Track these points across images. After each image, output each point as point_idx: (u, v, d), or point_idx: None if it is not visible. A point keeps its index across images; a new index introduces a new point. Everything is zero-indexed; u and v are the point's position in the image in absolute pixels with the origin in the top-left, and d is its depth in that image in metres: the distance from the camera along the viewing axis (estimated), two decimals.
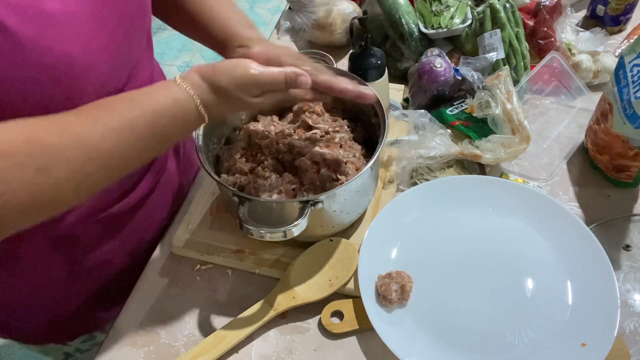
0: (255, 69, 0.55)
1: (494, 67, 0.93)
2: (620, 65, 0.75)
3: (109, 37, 0.55)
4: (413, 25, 0.97)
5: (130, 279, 0.75)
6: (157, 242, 0.79)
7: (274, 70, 0.56)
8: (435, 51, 0.93)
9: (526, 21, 1.00)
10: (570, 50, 0.96)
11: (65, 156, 0.45)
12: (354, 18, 1.02)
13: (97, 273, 0.75)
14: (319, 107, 0.77)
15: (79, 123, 0.47)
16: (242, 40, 0.65)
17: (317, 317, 0.69)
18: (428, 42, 0.99)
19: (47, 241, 0.65)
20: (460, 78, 0.90)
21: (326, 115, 0.78)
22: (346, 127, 0.76)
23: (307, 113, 0.76)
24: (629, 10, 1.04)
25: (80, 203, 0.51)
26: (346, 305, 0.69)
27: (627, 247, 0.73)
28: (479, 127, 0.86)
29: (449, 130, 0.84)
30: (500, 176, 0.83)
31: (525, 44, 0.96)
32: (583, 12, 1.11)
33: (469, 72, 0.90)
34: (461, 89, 0.91)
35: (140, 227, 0.76)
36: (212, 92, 0.54)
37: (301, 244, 0.73)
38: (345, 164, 0.70)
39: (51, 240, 0.65)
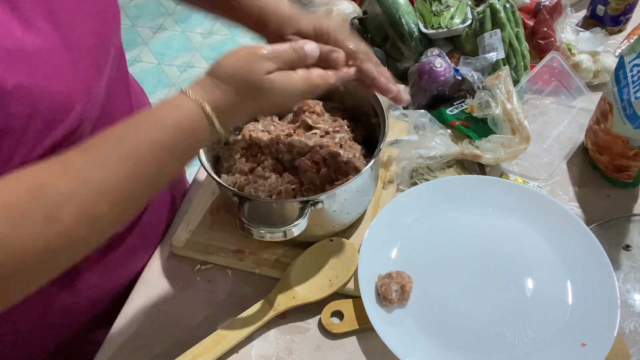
0: (260, 46, 0.50)
1: (494, 67, 0.93)
2: (620, 65, 0.75)
3: (94, 61, 0.53)
4: (413, 25, 0.97)
5: (123, 304, 0.73)
6: (150, 258, 0.78)
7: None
8: (435, 51, 0.93)
9: (526, 21, 1.00)
10: (570, 50, 0.96)
11: (73, 199, 0.41)
12: (354, 18, 1.02)
13: (93, 299, 0.72)
14: (319, 107, 0.77)
15: (82, 160, 0.43)
16: (281, 17, 0.58)
17: (317, 317, 0.69)
18: (428, 42, 0.99)
19: None
20: (460, 78, 0.90)
21: (326, 115, 0.78)
22: (346, 127, 0.76)
23: (307, 113, 0.76)
24: (629, 10, 1.04)
25: (97, 246, 0.47)
26: (346, 305, 0.69)
27: (627, 247, 0.73)
28: (479, 127, 0.86)
29: (449, 130, 0.84)
30: (500, 176, 0.83)
31: (525, 44, 0.96)
32: (583, 12, 1.11)
33: (469, 72, 0.90)
34: (461, 89, 0.91)
35: (135, 246, 0.74)
36: (219, 85, 0.48)
37: (301, 244, 0.73)
38: (345, 164, 0.70)
39: None
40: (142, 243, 0.76)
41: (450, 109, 0.89)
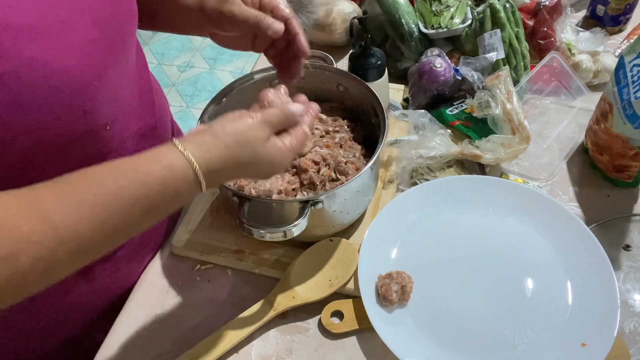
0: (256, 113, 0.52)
1: (494, 67, 0.93)
2: (620, 65, 0.75)
3: (109, 43, 0.54)
4: (413, 25, 0.97)
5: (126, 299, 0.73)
6: (156, 253, 0.79)
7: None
8: (435, 51, 0.93)
9: (526, 21, 1.00)
10: (570, 50, 0.96)
11: (32, 241, 0.39)
12: (354, 18, 1.01)
13: (105, 288, 0.72)
14: (322, 115, 0.77)
15: (54, 201, 0.41)
16: None
17: (317, 317, 0.69)
18: (428, 42, 0.99)
19: None
20: (460, 78, 0.90)
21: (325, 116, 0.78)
22: (346, 127, 0.76)
23: None
24: (629, 10, 1.04)
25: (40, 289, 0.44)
26: (346, 305, 0.69)
27: (627, 247, 0.73)
28: (479, 127, 0.86)
29: (449, 130, 0.84)
30: (500, 176, 0.83)
31: (525, 44, 0.96)
32: (583, 12, 1.11)
33: (469, 72, 0.90)
34: (461, 89, 0.90)
35: (136, 244, 0.74)
36: (218, 146, 0.48)
37: (301, 244, 0.73)
38: (345, 163, 0.70)
39: None
40: (141, 245, 0.76)
41: (450, 109, 0.89)
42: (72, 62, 0.48)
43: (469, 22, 0.96)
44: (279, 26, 0.60)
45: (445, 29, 0.96)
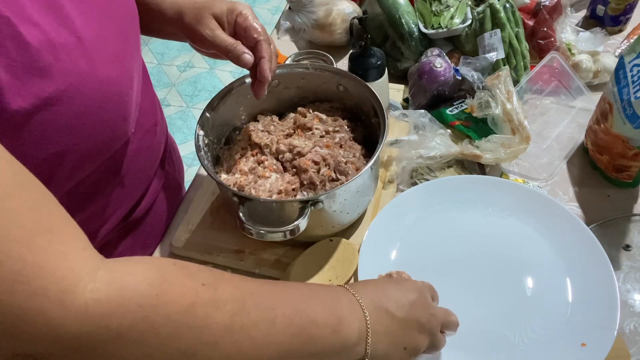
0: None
1: (494, 67, 0.93)
2: (620, 65, 0.75)
3: (130, 51, 0.58)
4: (413, 25, 0.97)
5: None
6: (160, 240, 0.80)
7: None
8: (435, 51, 0.93)
9: (526, 21, 1.00)
10: (570, 50, 0.96)
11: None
12: (354, 18, 1.01)
13: None
14: (322, 115, 0.77)
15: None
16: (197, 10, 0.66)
17: None
18: (428, 42, 0.99)
19: None
20: (460, 78, 0.90)
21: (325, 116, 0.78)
22: (346, 127, 0.76)
23: (307, 117, 0.77)
24: (629, 10, 1.04)
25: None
26: None
27: (627, 247, 0.73)
28: (479, 127, 0.86)
29: (449, 130, 0.84)
30: (500, 176, 0.83)
31: (525, 44, 0.96)
32: (583, 12, 1.11)
33: (469, 72, 0.90)
34: (461, 89, 0.90)
35: (135, 245, 0.75)
36: (397, 331, 0.52)
37: (301, 244, 0.73)
38: (345, 163, 0.70)
39: None
40: (142, 243, 0.76)
41: (450, 109, 0.89)
42: (114, 73, 0.52)
43: (469, 22, 0.96)
44: (248, 58, 0.64)
45: (445, 29, 0.96)
